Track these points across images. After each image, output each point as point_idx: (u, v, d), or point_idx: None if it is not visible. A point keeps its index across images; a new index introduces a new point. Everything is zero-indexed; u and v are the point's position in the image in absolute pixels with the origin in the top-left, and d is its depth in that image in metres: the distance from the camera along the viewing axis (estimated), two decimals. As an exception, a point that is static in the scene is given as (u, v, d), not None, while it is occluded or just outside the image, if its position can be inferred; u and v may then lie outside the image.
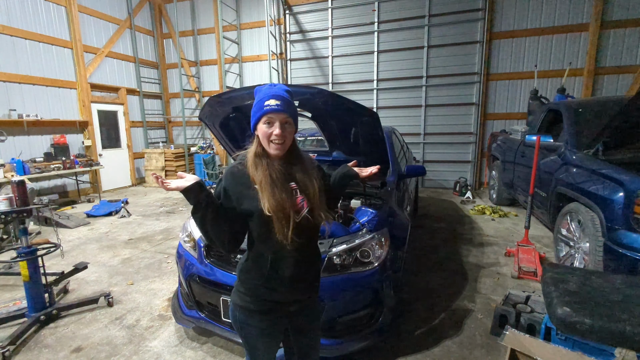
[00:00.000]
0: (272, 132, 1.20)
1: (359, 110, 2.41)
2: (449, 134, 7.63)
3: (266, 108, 1.20)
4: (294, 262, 1.27)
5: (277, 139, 1.20)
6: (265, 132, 1.21)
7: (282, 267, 1.26)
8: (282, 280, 1.28)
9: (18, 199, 2.58)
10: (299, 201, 1.25)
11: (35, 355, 2.35)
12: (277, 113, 1.20)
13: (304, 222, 1.24)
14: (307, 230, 1.27)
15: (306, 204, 1.25)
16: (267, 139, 1.21)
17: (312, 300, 1.42)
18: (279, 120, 1.20)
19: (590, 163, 3.14)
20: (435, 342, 2.39)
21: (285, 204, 1.18)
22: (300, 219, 1.22)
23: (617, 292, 1.64)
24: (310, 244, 1.35)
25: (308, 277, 1.34)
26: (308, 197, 1.26)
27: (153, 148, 9.27)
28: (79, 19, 7.46)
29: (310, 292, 1.39)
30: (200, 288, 2.26)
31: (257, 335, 1.35)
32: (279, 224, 1.18)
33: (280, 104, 1.21)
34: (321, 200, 1.28)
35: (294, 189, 1.26)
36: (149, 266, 3.81)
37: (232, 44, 9.03)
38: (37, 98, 6.80)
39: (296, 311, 1.37)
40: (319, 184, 1.29)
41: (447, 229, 4.88)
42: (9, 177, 5.45)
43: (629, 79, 6.37)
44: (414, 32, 7.49)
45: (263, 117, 1.21)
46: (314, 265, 1.38)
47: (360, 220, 2.36)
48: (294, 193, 1.25)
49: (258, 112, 1.22)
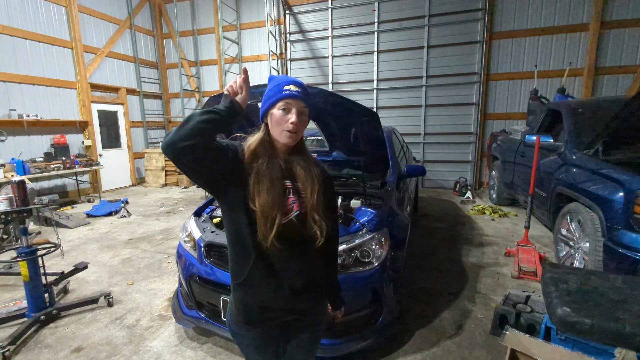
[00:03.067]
0: (288, 119, 1.10)
1: (359, 110, 2.41)
2: (449, 134, 7.63)
3: (285, 92, 1.10)
4: (280, 265, 1.15)
5: (292, 127, 1.10)
6: (279, 118, 1.10)
7: (265, 267, 1.14)
8: (264, 281, 1.15)
9: (18, 199, 2.58)
10: (290, 202, 1.13)
11: (35, 355, 2.35)
12: (297, 100, 1.11)
13: (290, 227, 1.12)
14: (295, 235, 1.14)
15: (296, 206, 1.14)
16: (280, 126, 1.10)
17: (313, 311, 1.28)
18: (296, 107, 1.11)
19: (590, 163, 3.14)
20: (435, 342, 2.39)
21: (275, 203, 1.08)
22: (286, 221, 1.11)
23: (617, 292, 1.64)
24: (298, 248, 1.17)
25: (304, 285, 1.19)
26: (301, 199, 1.15)
27: (153, 148, 9.28)
28: (79, 19, 7.46)
29: (310, 303, 1.25)
30: (200, 288, 2.26)
31: (248, 345, 1.26)
32: (261, 223, 1.07)
33: (301, 91, 1.13)
34: (318, 204, 1.14)
35: (288, 187, 1.15)
36: (149, 266, 3.81)
37: (232, 44, 9.03)
38: (37, 98, 6.80)
39: (293, 322, 1.26)
40: (319, 184, 1.16)
41: (447, 229, 4.88)
42: (9, 177, 5.45)
43: (629, 79, 6.37)
44: (414, 32, 7.49)
45: (280, 102, 1.10)
46: (311, 274, 1.22)
47: (360, 220, 2.36)
48: (286, 192, 1.14)
49: (275, 95, 1.12)
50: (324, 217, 1.16)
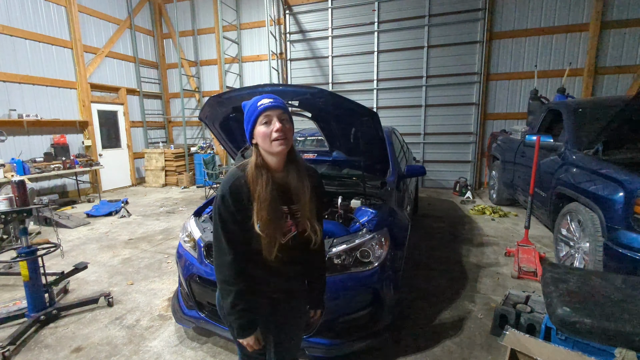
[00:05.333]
0: (272, 130, 1.16)
1: (358, 110, 2.41)
2: (449, 134, 7.63)
3: (261, 107, 1.18)
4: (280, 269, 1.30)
5: (279, 133, 1.16)
6: (265, 132, 1.17)
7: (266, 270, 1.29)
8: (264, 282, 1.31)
9: (18, 199, 2.58)
10: (288, 225, 1.27)
11: (35, 355, 2.35)
12: (273, 109, 1.18)
13: (290, 242, 1.28)
14: (295, 247, 1.31)
15: (294, 228, 1.28)
16: (269, 139, 1.17)
17: (299, 291, 1.43)
18: (276, 115, 1.18)
19: (590, 163, 3.14)
20: (435, 342, 2.39)
21: (275, 224, 1.20)
22: (285, 242, 1.26)
23: (617, 292, 1.64)
24: (297, 255, 1.35)
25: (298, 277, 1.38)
26: (297, 220, 1.28)
27: (153, 148, 9.27)
28: (79, 19, 7.46)
29: (298, 282, 1.41)
30: (200, 288, 2.26)
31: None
32: (266, 241, 1.20)
33: (274, 101, 1.20)
34: (311, 211, 1.28)
35: (285, 213, 1.26)
36: (149, 266, 3.81)
37: (232, 44, 9.03)
38: (37, 98, 6.80)
39: (280, 300, 1.36)
40: (310, 194, 1.27)
41: (447, 229, 4.88)
42: (9, 177, 5.45)
43: (629, 79, 6.36)
44: (414, 32, 7.49)
45: (260, 117, 1.18)
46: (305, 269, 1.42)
47: (360, 220, 2.36)
48: (285, 217, 1.26)
49: (253, 114, 1.20)
50: (317, 221, 1.30)
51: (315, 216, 1.30)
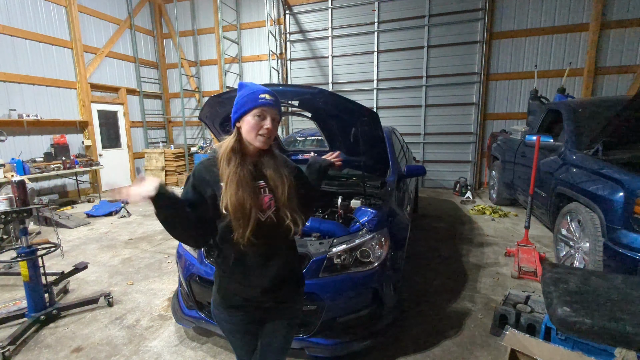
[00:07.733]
0: (263, 126, 1.19)
1: (358, 110, 2.41)
2: (449, 134, 7.63)
3: (261, 101, 1.19)
4: (258, 259, 1.26)
5: (267, 132, 1.20)
6: (254, 125, 1.19)
7: (246, 263, 1.26)
8: (246, 274, 1.27)
9: (18, 199, 2.58)
10: (267, 200, 1.23)
11: (35, 355, 2.35)
12: (271, 108, 1.21)
13: (268, 222, 1.23)
14: (271, 231, 1.24)
15: (273, 203, 1.24)
16: (256, 132, 1.19)
17: (291, 301, 1.39)
18: (270, 115, 1.21)
19: (590, 163, 3.14)
20: (435, 342, 2.39)
21: (245, 203, 1.15)
22: (265, 219, 1.22)
23: (617, 292, 1.64)
24: (276, 243, 1.29)
25: (280, 274, 1.29)
26: (276, 197, 1.24)
27: (153, 148, 9.27)
28: (79, 19, 7.45)
29: (288, 293, 1.36)
30: (200, 288, 2.26)
31: (229, 330, 1.37)
32: (236, 223, 1.16)
33: (275, 100, 1.23)
34: (290, 200, 1.25)
35: (262, 187, 1.24)
36: (149, 266, 3.81)
37: (232, 44, 9.03)
38: (37, 98, 6.80)
39: (271, 308, 1.34)
40: (289, 182, 1.26)
41: (447, 229, 4.88)
42: (9, 177, 5.45)
43: (629, 79, 6.36)
44: (414, 32, 7.49)
45: (255, 109, 1.19)
46: (286, 264, 1.32)
47: (360, 220, 2.36)
48: (262, 192, 1.23)
49: (250, 103, 1.20)
50: (297, 212, 1.26)
51: (296, 207, 1.27)
